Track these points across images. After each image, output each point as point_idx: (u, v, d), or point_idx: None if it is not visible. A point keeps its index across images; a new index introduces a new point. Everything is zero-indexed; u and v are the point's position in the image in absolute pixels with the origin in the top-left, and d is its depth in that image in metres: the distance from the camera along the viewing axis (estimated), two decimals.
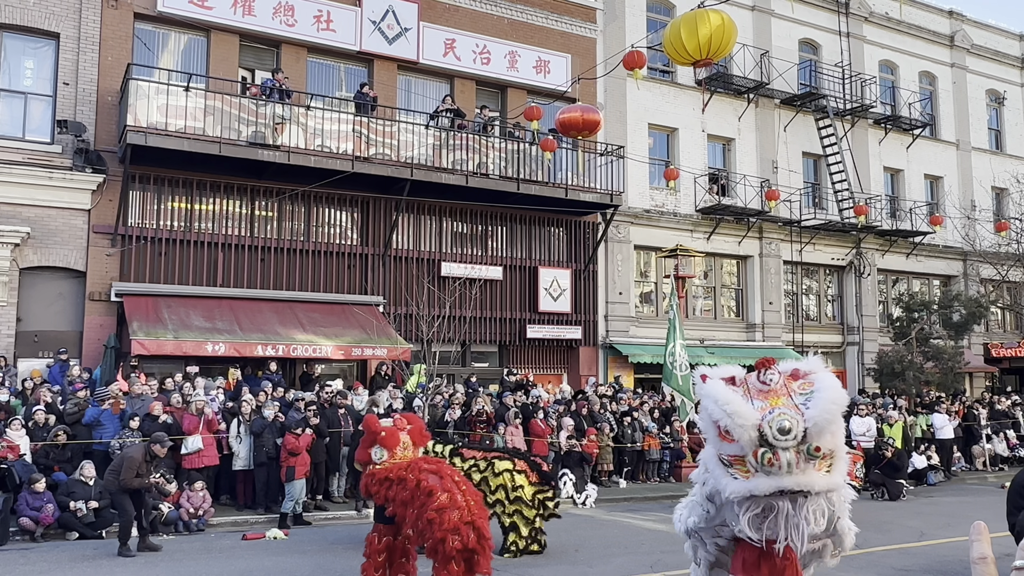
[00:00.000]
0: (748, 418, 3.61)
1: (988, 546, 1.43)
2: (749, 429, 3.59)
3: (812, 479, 3.62)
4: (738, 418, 3.62)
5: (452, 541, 6.98)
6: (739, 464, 3.69)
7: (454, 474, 7.70)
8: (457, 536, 6.99)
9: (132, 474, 9.91)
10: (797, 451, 3.57)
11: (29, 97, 15.69)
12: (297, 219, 17.61)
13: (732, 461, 3.71)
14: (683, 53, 11.05)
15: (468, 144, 18.19)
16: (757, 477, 3.63)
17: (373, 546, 7.85)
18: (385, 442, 7.85)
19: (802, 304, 24.80)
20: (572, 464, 15.01)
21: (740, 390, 3.80)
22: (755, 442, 3.59)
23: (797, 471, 3.59)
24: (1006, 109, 29.93)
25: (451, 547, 6.98)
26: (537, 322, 19.52)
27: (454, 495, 7.20)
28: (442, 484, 7.28)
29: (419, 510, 7.21)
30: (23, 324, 14.95)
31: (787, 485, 3.58)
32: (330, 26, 18.05)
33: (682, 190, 21.95)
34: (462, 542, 7.00)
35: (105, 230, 15.54)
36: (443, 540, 6.98)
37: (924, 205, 26.81)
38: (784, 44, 24.52)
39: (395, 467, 7.71)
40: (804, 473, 3.60)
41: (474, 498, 7.49)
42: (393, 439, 7.86)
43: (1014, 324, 29.12)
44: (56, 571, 9.08)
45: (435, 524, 7.04)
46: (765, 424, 3.60)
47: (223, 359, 15.22)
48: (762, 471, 3.60)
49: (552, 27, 20.87)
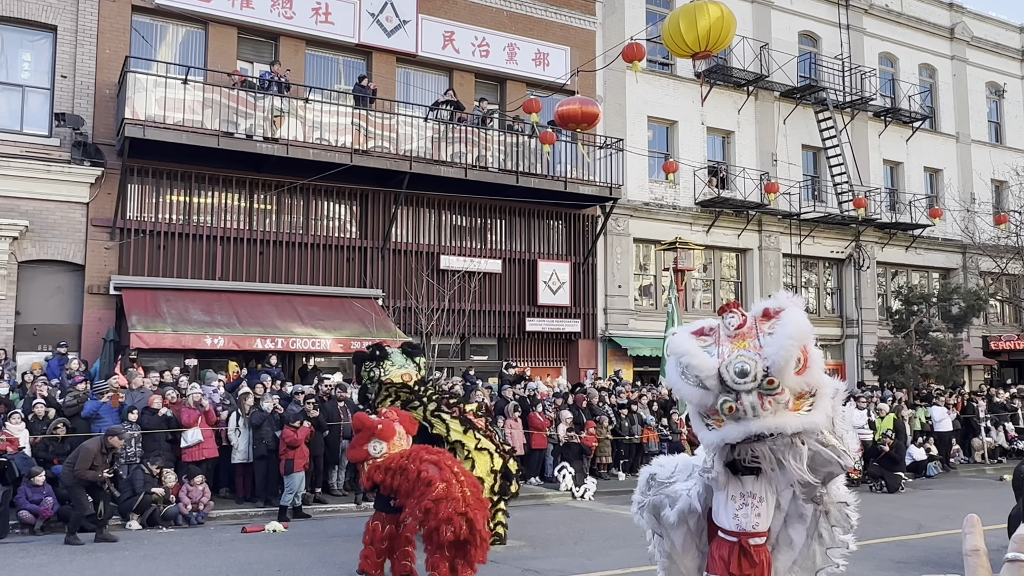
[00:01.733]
0: (705, 368, 3.56)
1: (981, 539, 1.43)
2: (708, 379, 3.54)
3: (783, 420, 3.50)
4: (694, 369, 3.59)
5: (445, 531, 7.20)
6: (714, 415, 3.63)
7: (454, 464, 7.91)
8: (450, 527, 7.20)
9: (87, 466, 10.02)
10: (760, 392, 3.48)
11: (27, 90, 15.65)
12: (296, 212, 17.59)
13: (708, 412, 3.66)
14: (682, 45, 11.03)
15: (467, 137, 18.15)
16: (727, 425, 3.57)
17: (376, 534, 8.04)
18: (383, 435, 8.05)
19: (801, 297, 24.75)
20: (571, 457, 15.04)
21: (711, 339, 3.72)
22: (717, 390, 3.53)
23: (765, 413, 3.48)
24: (1006, 102, 29.87)
25: (444, 537, 7.19)
26: (536, 315, 19.51)
27: (451, 486, 7.40)
28: (441, 475, 7.49)
29: (418, 499, 7.42)
30: (22, 317, 14.94)
31: (754, 429, 3.50)
32: (328, 18, 17.99)
33: (681, 183, 21.92)
34: (454, 533, 7.21)
35: (104, 223, 15.52)
36: (436, 529, 7.21)
37: (924, 198, 26.77)
38: (784, 36, 24.46)
39: (395, 456, 7.90)
40: (775, 415, 3.49)
41: (472, 489, 7.68)
42: (390, 431, 8.09)
43: (1013, 317, 29.12)
44: (55, 564, 9.09)
45: (431, 514, 7.28)
46: (723, 369, 3.52)
47: (222, 352, 15.22)
48: (729, 419, 3.54)
49: (551, 19, 20.81)
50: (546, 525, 11.74)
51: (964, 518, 1.45)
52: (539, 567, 9.01)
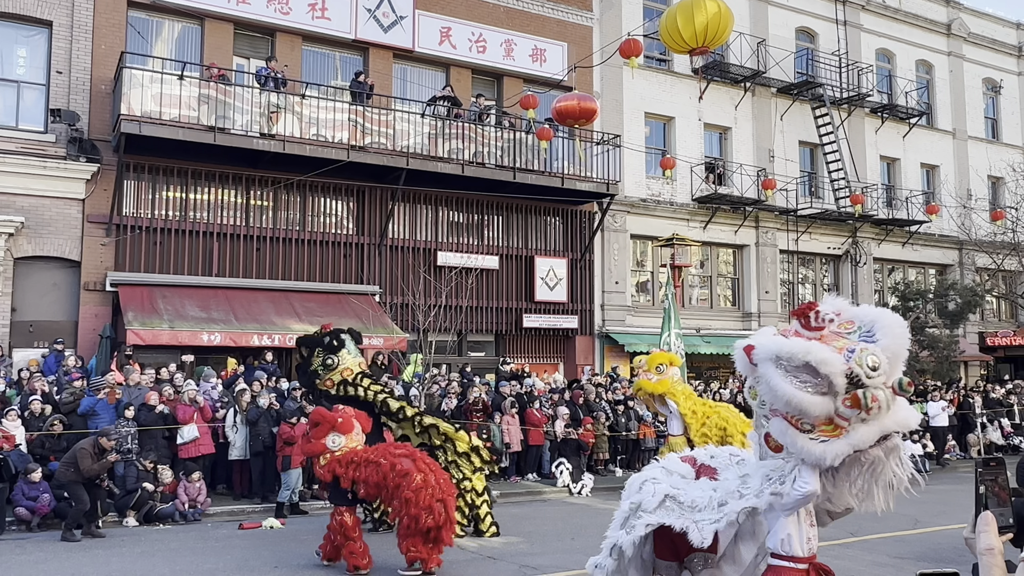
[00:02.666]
0: (834, 365, 3.18)
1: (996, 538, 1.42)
2: (836, 377, 3.17)
3: (908, 416, 3.25)
4: (826, 366, 3.17)
5: (425, 518, 7.94)
6: (824, 425, 3.25)
7: (424, 457, 8.64)
8: (430, 514, 7.96)
9: (89, 462, 10.12)
10: (890, 388, 3.20)
11: (22, 86, 15.60)
12: (293, 208, 17.56)
13: (821, 422, 3.26)
14: (679, 41, 11.03)
15: (464, 133, 18.13)
16: (856, 430, 3.21)
17: (347, 527, 8.53)
18: (342, 428, 8.57)
19: (798, 293, 24.82)
20: (568, 453, 15.05)
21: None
22: (843, 391, 3.18)
23: (892, 410, 3.20)
24: (1003, 98, 29.90)
25: (424, 524, 7.95)
26: (533, 311, 19.51)
27: (427, 476, 8.13)
28: (416, 466, 8.21)
29: (394, 490, 8.10)
30: (18, 314, 14.90)
31: (890, 427, 3.20)
32: (325, 14, 17.95)
33: (678, 179, 21.92)
34: (434, 520, 7.97)
35: (100, 219, 15.48)
36: (417, 517, 7.95)
37: (920, 194, 26.81)
38: (781, 32, 24.45)
39: (360, 452, 8.51)
40: (897, 410, 3.24)
41: (443, 478, 8.45)
42: (349, 425, 8.63)
43: (1009, 313, 29.19)
44: (52, 560, 9.08)
45: (411, 503, 7.96)
46: (853, 365, 3.19)
47: (219, 349, 15.19)
48: (856, 420, 3.18)
49: (548, 15, 20.78)
50: (543, 521, 11.76)
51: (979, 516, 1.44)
52: (536, 563, 9.01)
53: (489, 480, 10.78)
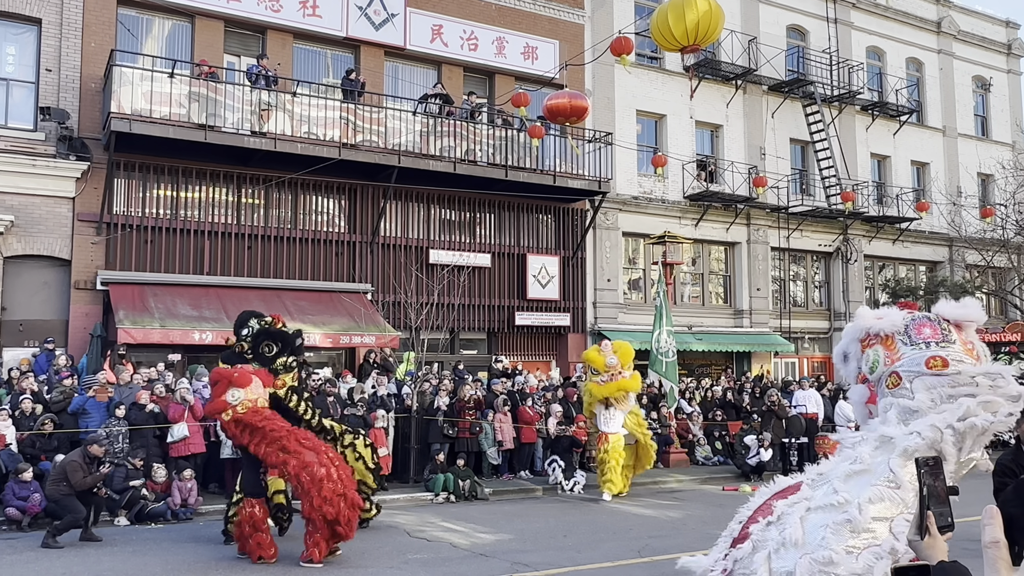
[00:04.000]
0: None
1: (1000, 531, 1.44)
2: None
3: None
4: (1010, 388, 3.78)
5: (327, 510, 8.25)
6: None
7: (328, 450, 8.93)
8: (331, 506, 8.26)
9: (80, 476, 9.84)
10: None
11: (11, 84, 15.51)
12: (284, 206, 17.52)
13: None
14: (671, 39, 11.05)
15: (456, 131, 18.12)
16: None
17: (257, 518, 8.81)
18: (239, 382, 8.79)
19: (789, 290, 24.91)
20: (561, 450, 15.05)
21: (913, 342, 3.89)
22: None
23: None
24: (992, 95, 30.04)
25: (327, 513, 8.27)
26: (525, 309, 19.53)
27: (330, 470, 8.40)
28: (319, 459, 8.47)
29: (297, 480, 8.47)
30: (8, 313, 14.84)
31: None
32: (316, 12, 17.91)
33: (670, 177, 21.96)
34: (335, 511, 8.27)
35: (90, 218, 15.42)
36: (320, 509, 8.25)
37: (910, 191, 26.94)
38: (772, 30, 24.51)
39: (253, 414, 8.68)
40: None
41: (345, 472, 8.74)
42: (245, 378, 8.84)
43: (999, 310, 29.32)
44: (43, 560, 9.06)
45: (312, 495, 8.27)
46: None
47: (210, 348, 15.15)
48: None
49: (540, 13, 20.78)
50: (535, 518, 11.78)
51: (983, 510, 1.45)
52: (528, 560, 9.04)
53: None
